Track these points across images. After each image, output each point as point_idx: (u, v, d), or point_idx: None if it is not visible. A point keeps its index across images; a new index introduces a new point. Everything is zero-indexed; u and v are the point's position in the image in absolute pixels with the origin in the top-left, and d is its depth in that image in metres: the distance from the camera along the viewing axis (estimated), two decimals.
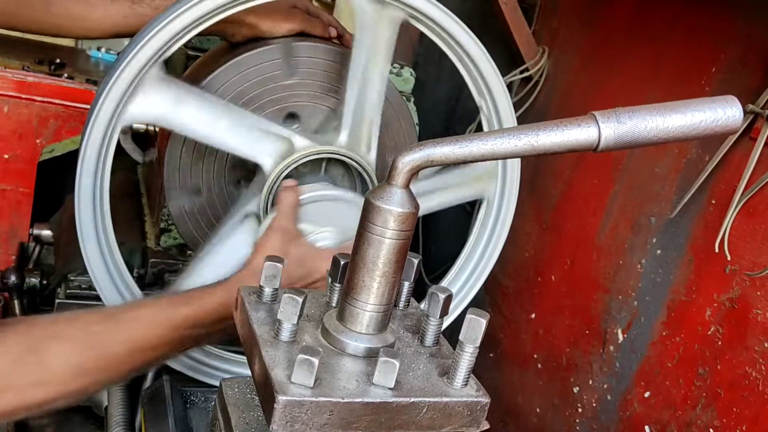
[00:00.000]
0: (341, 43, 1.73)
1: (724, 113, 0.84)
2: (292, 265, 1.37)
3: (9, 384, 1.08)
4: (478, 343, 0.91)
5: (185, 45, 1.62)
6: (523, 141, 0.85)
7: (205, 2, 1.37)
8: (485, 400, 0.94)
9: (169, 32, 1.37)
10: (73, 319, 1.21)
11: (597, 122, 0.84)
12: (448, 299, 0.99)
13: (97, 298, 1.52)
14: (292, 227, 1.42)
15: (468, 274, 1.84)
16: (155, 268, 1.81)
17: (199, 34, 1.45)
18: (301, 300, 0.93)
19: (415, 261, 1.06)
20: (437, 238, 2.56)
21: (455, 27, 1.57)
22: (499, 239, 1.81)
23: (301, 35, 1.68)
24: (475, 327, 0.91)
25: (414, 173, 0.89)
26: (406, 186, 0.90)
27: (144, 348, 1.21)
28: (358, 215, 0.91)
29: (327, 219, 1.50)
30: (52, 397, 1.14)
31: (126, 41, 1.47)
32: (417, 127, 1.90)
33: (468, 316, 0.91)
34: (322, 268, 1.41)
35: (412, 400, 0.92)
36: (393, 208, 0.89)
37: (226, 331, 1.30)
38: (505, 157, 0.90)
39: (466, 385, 0.95)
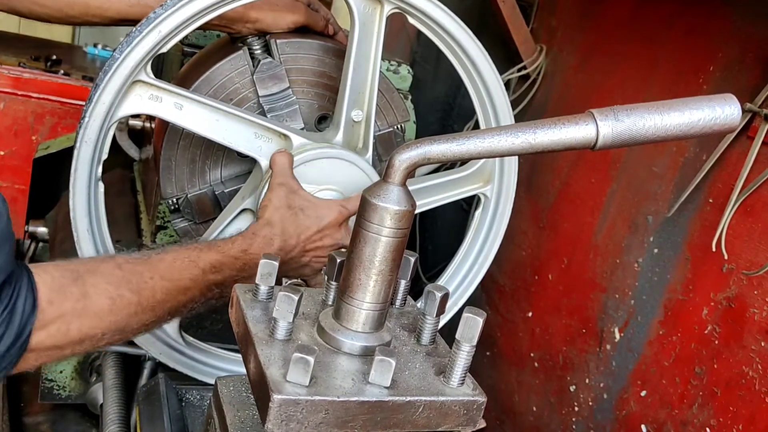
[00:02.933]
0: (335, 39, 1.73)
1: (722, 111, 0.83)
2: (299, 214, 1.43)
3: (54, 314, 1.07)
4: (474, 342, 0.91)
5: (181, 41, 1.61)
6: (520, 139, 0.84)
7: None
8: (482, 399, 0.94)
9: (167, 27, 1.37)
10: (109, 258, 1.24)
11: (595, 120, 0.84)
12: (445, 298, 0.99)
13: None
14: (291, 181, 1.46)
15: (465, 272, 1.84)
16: None
17: (201, 28, 1.45)
18: (296, 298, 0.93)
19: (412, 259, 1.06)
20: (434, 237, 2.55)
21: (453, 25, 1.56)
22: (496, 238, 1.81)
23: (304, 29, 1.68)
24: (472, 326, 0.90)
25: (411, 171, 0.88)
26: (403, 183, 0.89)
27: (176, 288, 1.24)
28: (357, 174, 0.91)
29: (327, 178, 1.53)
30: (92, 332, 1.13)
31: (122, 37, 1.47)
32: (414, 125, 1.89)
33: (465, 315, 0.91)
34: (330, 216, 1.46)
35: (408, 399, 0.91)
36: (389, 205, 0.89)
37: (246, 279, 1.34)
38: (502, 155, 0.89)
39: (462, 384, 0.95)
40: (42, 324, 1.05)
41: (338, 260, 1.03)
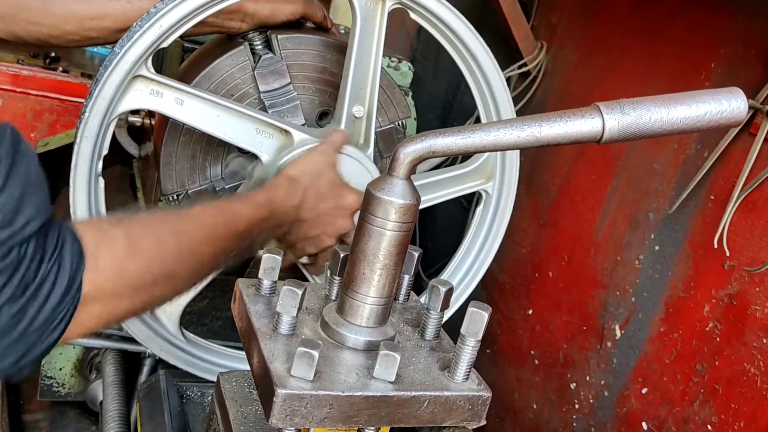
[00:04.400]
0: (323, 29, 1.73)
1: (728, 105, 0.83)
2: (326, 186, 1.44)
3: (103, 256, 1.00)
4: (479, 337, 0.91)
5: (181, 37, 1.60)
6: (526, 132, 0.84)
7: None
8: (487, 394, 0.94)
9: (167, 22, 1.36)
10: (148, 211, 1.27)
11: (601, 113, 0.83)
12: (449, 292, 0.99)
13: None
14: (333, 155, 1.48)
15: (465, 269, 1.84)
16: None
17: (197, 34, 1.44)
18: (300, 293, 0.93)
19: (416, 254, 1.05)
20: (434, 234, 2.55)
21: (455, 20, 1.56)
22: (497, 235, 1.80)
23: (302, 24, 1.67)
24: (477, 320, 0.90)
25: (416, 164, 0.88)
26: (408, 177, 0.89)
27: (211, 236, 1.21)
28: (358, 170, 0.88)
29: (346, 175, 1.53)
30: (145, 277, 1.07)
31: None
32: (415, 121, 1.89)
33: (470, 309, 0.90)
34: (350, 199, 1.47)
35: (413, 394, 0.91)
36: (394, 199, 0.89)
37: (271, 231, 1.37)
38: (507, 148, 0.89)
39: (467, 379, 0.95)
40: (93, 267, 0.97)
41: (342, 255, 1.03)
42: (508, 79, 2.12)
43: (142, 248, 1.06)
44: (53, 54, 2.59)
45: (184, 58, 1.86)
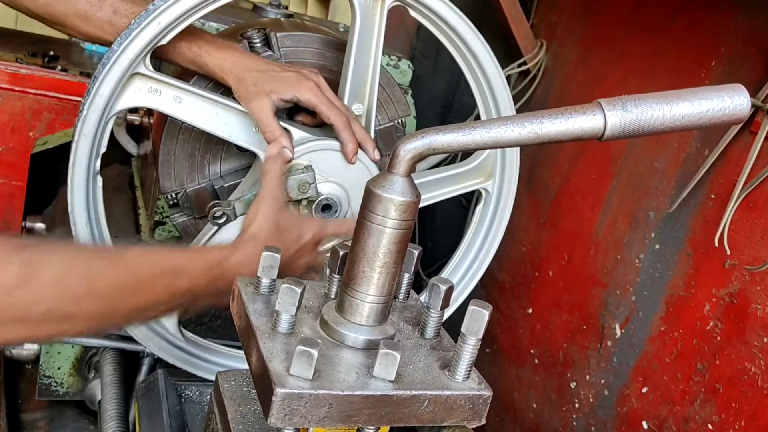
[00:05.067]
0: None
1: (731, 101, 0.83)
2: (284, 234, 1.37)
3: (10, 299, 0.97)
4: (480, 335, 0.90)
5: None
6: (527, 129, 0.84)
7: None
8: (488, 393, 0.93)
9: (166, 19, 1.36)
10: (69, 241, 1.18)
11: (603, 110, 0.83)
12: (450, 291, 0.98)
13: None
14: (280, 196, 1.41)
15: (465, 269, 1.83)
16: None
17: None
18: (299, 291, 0.92)
19: (416, 252, 1.05)
20: (433, 233, 2.55)
21: (455, 18, 1.56)
22: (497, 233, 1.80)
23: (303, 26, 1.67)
24: (478, 319, 0.89)
25: (416, 161, 0.88)
26: (408, 174, 0.88)
27: (134, 284, 1.13)
28: (357, 167, 0.87)
29: (328, 170, 1.50)
30: (34, 309, 1.02)
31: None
32: (415, 120, 1.88)
33: (470, 308, 0.90)
34: (308, 234, 1.41)
35: (413, 393, 0.91)
36: (394, 196, 0.88)
37: (216, 296, 1.25)
38: (508, 146, 0.88)
39: (467, 378, 0.94)
40: None
41: (341, 253, 1.02)
42: (508, 78, 2.11)
43: (39, 281, 1.01)
44: (52, 53, 2.58)
45: None
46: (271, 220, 1.36)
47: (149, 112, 2.08)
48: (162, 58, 1.49)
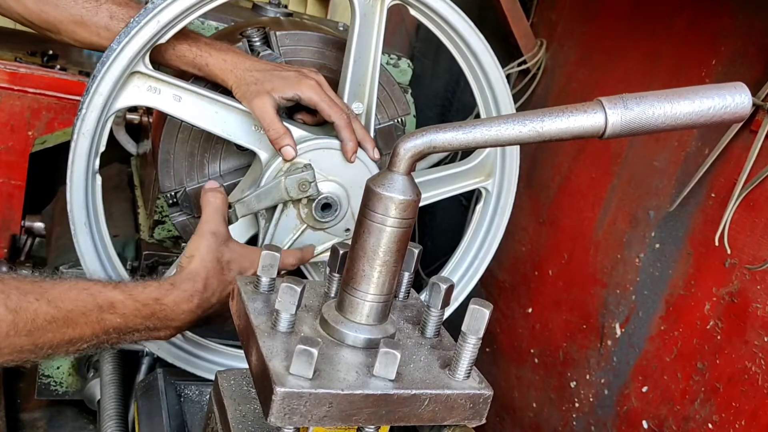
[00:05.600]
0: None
1: (732, 100, 0.83)
2: (225, 269, 1.36)
3: None
4: (481, 334, 0.90)
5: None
6: (528, 127, 0.83)
7: None
8: (488, 392, 0.93)
9: (165, 17, 1.35)
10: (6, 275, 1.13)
11: (604, 108, 0.83)
12: (450, 289, 0.98)
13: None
14: (221, 230, 1.39)
15: (465, 268, 1.83)
16: (149, 260, 1.79)
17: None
18: (299, 290, 0.92)
19: (416, 251, 1.05)
20: (433, 232, 2.55)
21: (455, 16, 1.55)
22: (497, 232, 1.79)
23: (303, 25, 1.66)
24: (479, 318, 0.89)
25: (416, 160, 0.87)
26: (408, 173, 0.88)
27: (63, 319, 1.12)
28: (357, 166, 0.87)
29: (327, 169, 1.49)
30: None
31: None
32: (414, 119, 1.88)
33: (471, 307, 0.90)
34: (254, 267, 1.37)
35: (414, 392, 0.90)
36: (394, 195, 0.88)
37: (152, 332, 1.26)
38: (509, 144, 0.88)
39: (468, 377, 0.94)
40: None
41: (341, 251, 1.02)
42: (508, 77, 2.11)
43: None
44: (51, 52, 2.58)
45: None
46: (211, 257, 1.34)
47: (148, 110, 2.07)
48: (161, 62, 1.48)
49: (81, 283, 1.19)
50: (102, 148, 1.44)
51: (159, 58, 1.46)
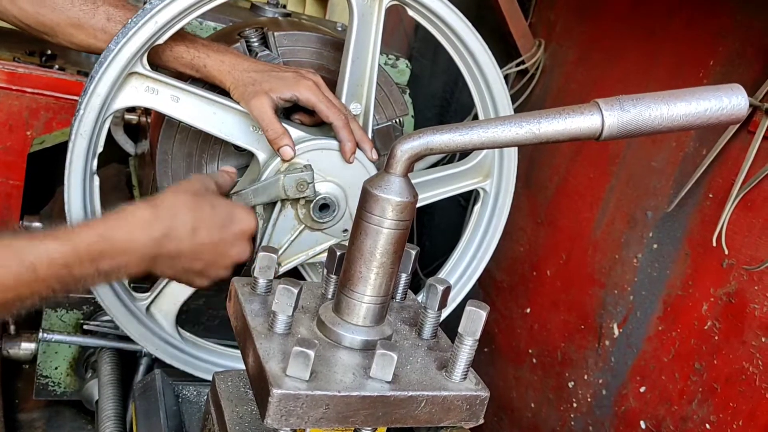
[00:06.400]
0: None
1: (729, 102, 0.83)
2: (205, 207, 1.24)
3: None
4: (477, 336, 0.90)
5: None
6: (524, 129, 0.83)
7: None
8: (485, 393, 0.93)
9: (163, 18, 1.35)
10: None
11: (600, 110, 0.83)
12: (447, 291, 0.98)
13: (88, 291, 1.50)
14: (210, 183, 1.31)
15: (463, 268, 1.83)
16: None
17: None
18: (296, 291, 0.92)
19: (413, 252, 1.05)
20: (432, 232, 2.55)
21: (453, 17, 1.55)
22: (495, 233, 1.79)
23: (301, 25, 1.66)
24: (475, 319, 0.89)
25: (413, 161, 0.87)
26: (405, 175, 0.88)
27: None
28: (355, 167, 0.86)
29: (326, 170, 1.49)
30: None
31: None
32: (413, 119, 1.88)
33: (468, 308, 0.90)
34: (245, 222, 1.29)
35: (411, 393, 0.90)
36: (391, 197, 0.88)
37: (107, 275, 1.13)
38: (506, 146, 0.88)
39: (465, 378, 0.94)
40: None
41: (338, 253, 1.02)
42: (506, 77, 2.11)
43: None
44: (49, 52, 2.57)
45: None
46: (185, 187, 1.24)
47: (147, 111, 2.07)
48: (159, 64, 1.48)
49: (4, 240, 1.05)
50: (100, 149, 1.44)
51: (157, 59, 1.46)
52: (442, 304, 1.00)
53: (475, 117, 1.74)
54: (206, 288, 1.32)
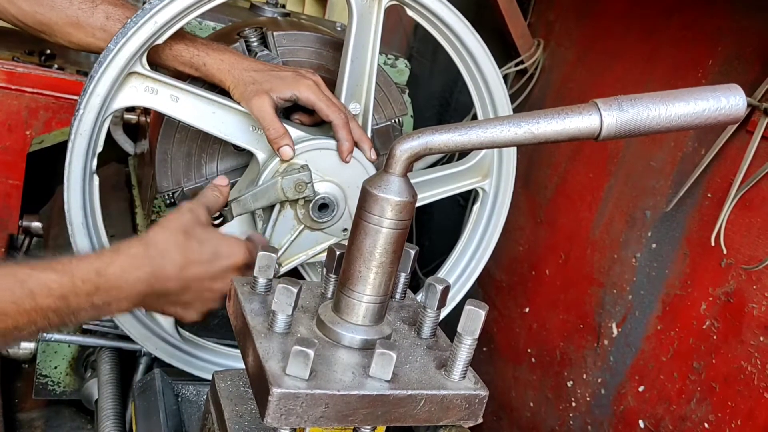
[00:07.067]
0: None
1: (727, 102, 0.83)
2: (193, 245, 1.24)
3: None
4: (476, 335, 0.90)
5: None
6: (523, 129, 0.84)
7: None
8: (484, 392, 0.93)
9: (162, 18, 1.35)
10: None
11: (599, 110, 0.83)
12: (446, 290, 0.98)
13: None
14: (203, 213, 1.31)
15: (462, 268, 1.83)
16: None
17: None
18: (295, 291, 0.92)
19: (412, 252, 1.05)
20: (431, 232, 2.55)
21: (452, 18, 1.56)
22: (493, 233, 1.80)
23: (300, 26, 1.66)
24: (474, 318, 0.89)
25: (412, 161, 0.88)
26: (404, 174, 0.89)
27: None
28: (354, 166, 0.87)
29: (325, 170, 1.49)
30: None
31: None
32: (412, 119, 1.88)
33: (467, 308, 0.90)
34: (232, 257, 1.28)
35: (410, 392, 0.91)
36: (390, 196, 0.88)
37: (99, 310, 1.16)
38: (504, 146, 0.88)
39: (464, 377, 0.94)
40: None
41: (338, 252, 1.02)
42: (505, 77, 2.11)
43: None
44: (48, 51, 2.58)
45: None
46: (175, 225, 1.24)
47: (146, 110, 2.07)
48: (158, 63, 1.48)
49: (8, 269, 1.08)
50: (99, 149, 1.44)
51: (156, 58, 1.46)
52: (441, 303, 1.00)
53: (474, 117, 1.74)
54: (197, 322, 1.32)
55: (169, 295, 1.23)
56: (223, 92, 1.49)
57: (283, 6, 2.35)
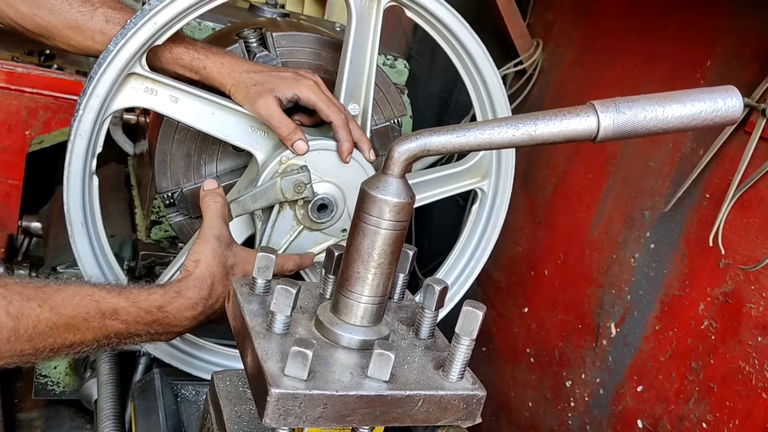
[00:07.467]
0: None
1: (723, 103, 0.83)
2: (229, 273, 1.35)
3: None
4: (474, 336, 0.90)
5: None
6: (521, 130, 0.84)
7: None
8: (481, 393, 0.94)
9: (162, 19, 1.35)
10: (2, 280, 1.13)
11: (596, 111, 0.83)
12: (444, 291, 0.98)
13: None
14: (224, 233, 1.37)
15: (461, 268, 1.83)
16: (146, 260, 1.80)
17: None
18: (294, 292, 0.92)
19: (411, 253, 1.05)
20: (430, 233, 2.55)
21: (451, 19, 1.56)
22: (492, 233, 1.80)
23: (299, 26, 1.67)
24: (472, 319, 0.90)
25: (411, 162, 0.88)
26: (402, 176, 0.89)
27: (64, 325, 1.14)
28: (353, 167, 0.88)
29: (324, 170, 1.49)
30: None
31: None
32: (411, 119, 1.88)
33: (464, 308, 0.90)
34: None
35: (408, 393, 0.91)
36: (389, 198, 0.88)
37: (154, 336, 1.28)
38: (502, 147, 0.89)
39: (461, 378, 0.95)
40: None
41: (336, 253, 1.02)
42: (504, 78, 2.11)
43: None
44: (48, 51, 2.58)
45: None
46: (216, 261, 1.32)
47: (146, 111, 2.08)
48: (158, 66, 1.47)
49: (85, 288, 1.19)
50: (99, 149, 1.44)
51: (156, 61, 1.46)
52: (440, 304, 1.00)
53: (474, 117, 1.74)
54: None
55: (211, 316, 1.35)
56: (222, 93, 1.49)
57: (283, 6, 2.35)
